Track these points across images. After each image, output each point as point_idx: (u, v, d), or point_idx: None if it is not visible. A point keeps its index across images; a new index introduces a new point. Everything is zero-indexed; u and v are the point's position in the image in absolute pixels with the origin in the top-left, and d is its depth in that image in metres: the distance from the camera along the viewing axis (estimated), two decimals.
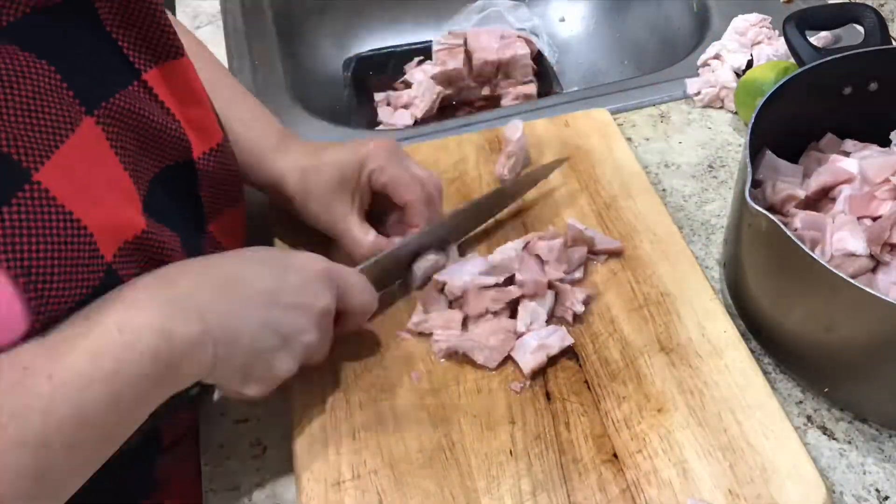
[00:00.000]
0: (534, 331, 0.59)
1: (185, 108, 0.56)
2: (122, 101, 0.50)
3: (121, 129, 0.50)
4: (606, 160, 0.74)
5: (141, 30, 0.53)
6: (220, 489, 0.56)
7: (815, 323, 0.55)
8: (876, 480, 0.55)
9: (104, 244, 0.45)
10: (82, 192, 0.45)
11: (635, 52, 1.11)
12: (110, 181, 0.48)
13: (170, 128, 0.54)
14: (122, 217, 0.48)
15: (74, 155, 0.45)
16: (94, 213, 0.45)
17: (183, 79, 0.56)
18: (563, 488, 0.52)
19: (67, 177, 0.44)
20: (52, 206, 0.42)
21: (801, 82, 0.63)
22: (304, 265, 0.53)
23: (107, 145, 0.48)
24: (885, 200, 0.60)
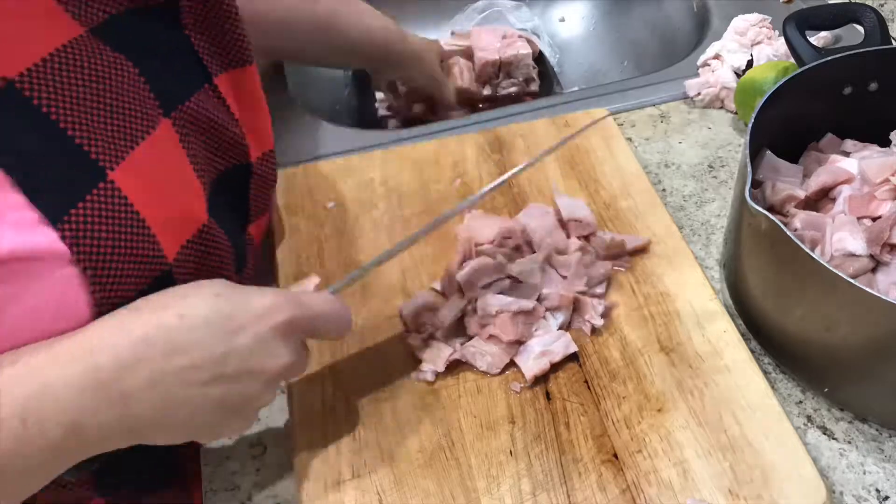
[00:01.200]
0: (538, 336, 0.59)
1: (246, 113, 0.58)
2: (195, 103, 0.51)
3: (192, 131, 0.51)
4: (606, 160, 0.74)
5: (217, 35, 0.54)
6: (220, 489, 0.56)
7: (815, 323, 0.55)
8: (876, 480, 0.55)
9: (168, 242, 0.46)
10: (152, 192, 0.46)
11: (635, 52, 1.11)
12: (181, 181, 0.49)
13: (234, 131, 0.55)
14: (187, 213, 0.49)
15: (149, 155, 0.46)
16: (161, 211, 0.46)
17: (249, 86, 0.58)
18: (563, 488, 0.52)
19: (140, 177, 0.45)
20: (122, 206, 0.43)
21: (801, 82, 0.63)
22: (258, 319, 0.45)
23: (179, 147, 0.49)
24: (885, 200, 0.60)
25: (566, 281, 0.62)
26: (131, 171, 0.44)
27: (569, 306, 0.60)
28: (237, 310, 0.45)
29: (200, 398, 0.44)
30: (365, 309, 0.63)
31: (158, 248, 0.45)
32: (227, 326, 0.44)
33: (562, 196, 0.69)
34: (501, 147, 0.77)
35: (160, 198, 0.46)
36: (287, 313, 0.46)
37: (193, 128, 0.51)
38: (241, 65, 0.57)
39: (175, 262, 0.47)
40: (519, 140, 0.77)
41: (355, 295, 0.64)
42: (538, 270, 0.61)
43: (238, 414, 0.47)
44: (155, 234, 0.45)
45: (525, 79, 1.01)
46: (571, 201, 0.68)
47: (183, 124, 0.50)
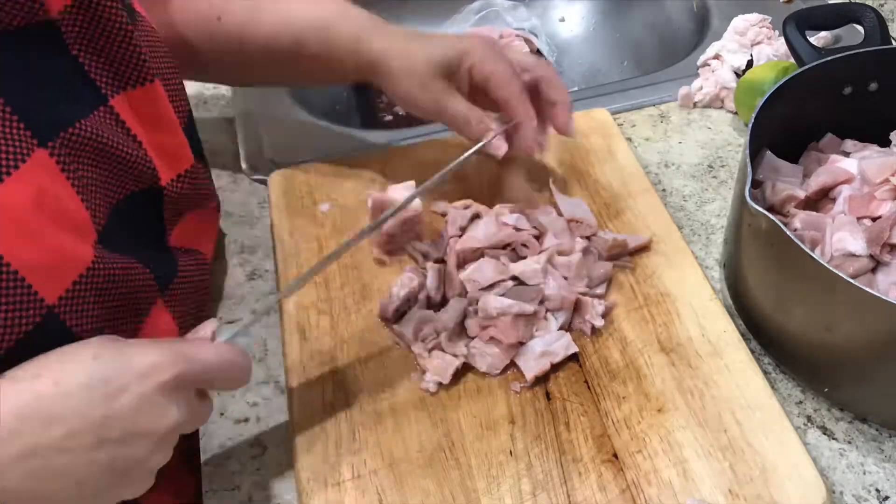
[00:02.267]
0: (538, 337, 0.59)
1: (153, 134, 0.54)
2: (83, 129, 0.47)
3: (80, 159, 0.47)
4: (606, 160, 0.74)
5: (109, 54, 0.51)
6: (220, 489, 0.56)
7: (815, 323, 0.55)
8: (876, 480, 0.55)
9: (45, 286, 0.43)
10: (22, 233, 0.42)
11: (635, 52, 1.11)
12: (62, 217, 0.45)
13: (135, 155, 0.52)
14: (67, 254, 0.45)
15: (16, 192, 0.42)
16: (30, 254, 0.42)
17: (152, 104, 0.54)
18: (563, 488, 0.52)
19: (6, 216, 0.41)
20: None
21: (801, 82, 0.63)
22: (141, 378, 0.42)
23: (62, 178, 0.45)
24: (885, 201, 0.60)
25: (568, 282, 0.62)
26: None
27: (570, 307, 0.60)
28: (117, 371, 0.42)
29: (85, 465, 0.41)
30: (365, 309, 0.63)
31: (31, 293, 0.42)
32: (106, 390, 0.41)
33: (561, 196, 0.69)
34: None
35: (29, 239, 0.43)
36: (172, 370, 0.43)
37: (82, 155, 0.47)
38: (139, 83, 0.53)
39: (60, 303, 0.44)
40: None
41: (355, 295, 0.64)
42: (541, 272, 0.61)
43: (130, 477, 0.43)
44: (23, 278, 0.42)
45: None
46: (572, 201, 0.68)
47: (66, 153, 0.46)
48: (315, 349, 0.61)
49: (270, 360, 0.64)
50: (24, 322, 0.42)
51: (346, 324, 0.62)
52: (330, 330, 0.62)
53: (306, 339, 0.61)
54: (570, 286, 0.61)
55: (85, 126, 0.47)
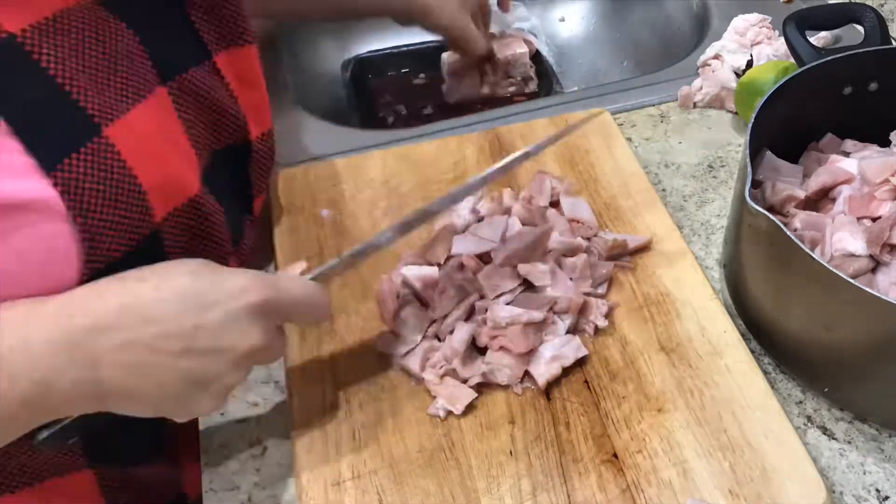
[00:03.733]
0: (547, 342, 0.59)
1: (246, 92, 0.59)
2: (193, 77, 0.53)
3: (189, 104, 0.52)
4: (606, 160, 0.74)
5: (217, 14, 0.56)
6: (220, 489, 0.56)
7: (815, 323, 0.55)
8: (876, 480, 0.55)
9: (158, 204, 0.48)
10: (146, 153, 0.47)
11: (635, 52, 1.11)
12: (175, 149, 0.51)
13: (233, 109, 0.57)
14: (179, 180, 0.50)
15: (145, 118, 0.48)
16: (153, 173, 0.47)
17: (248, 65, 0.59)
18: (563, 488, 0.52)
19: (134, 137, 0.47)
20: (115, 161, 0.45)
21: (801, 82, 0.63)
22: (232, 297, 0.45)
23: (175, 115, 0.51)
24: (885, 201, 0.60)
25: (574, 283, 0.61)
26: (126, 131, 0.46)
27: (577, 309, 0.60)
28: (211, 287, 0.45)
29: (169, 369, 0.44)
30: (364, 309, 0.63)
31: (148, 208, 0.47)
32: (199, 302, 0.45)
33: (564, 196, 0.69)
34: (502, 147, 0.77)
35: (153, 160, 0.48)
36: (261, 295, 0.46)
37: (190, 100, 0.53)
38: (240, 44, 0.58)
39: (163, 224, 0.49)
40: (519, 140, 0.77)
41: (355, 295, 0.64)
42: (548, 273, 0.60)
43: (205, 391, 0.46)
44: (146, 193, 0.47)
45: (523, 78, 1.01)
46: (573, 201, 0.68)
47: (179, 95, 0.52)
48: (315, 349, 0.61)
49: None
50: (139, 233, 0.47)
51: (346, 324, 0.62)
52: (330, 330, 0.62)
53: (306, 339, 0.61)
54: (577, 287, 0.61)
55: (194, 75, 0.53)
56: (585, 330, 0.61)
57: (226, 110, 0.57)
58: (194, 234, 0.52)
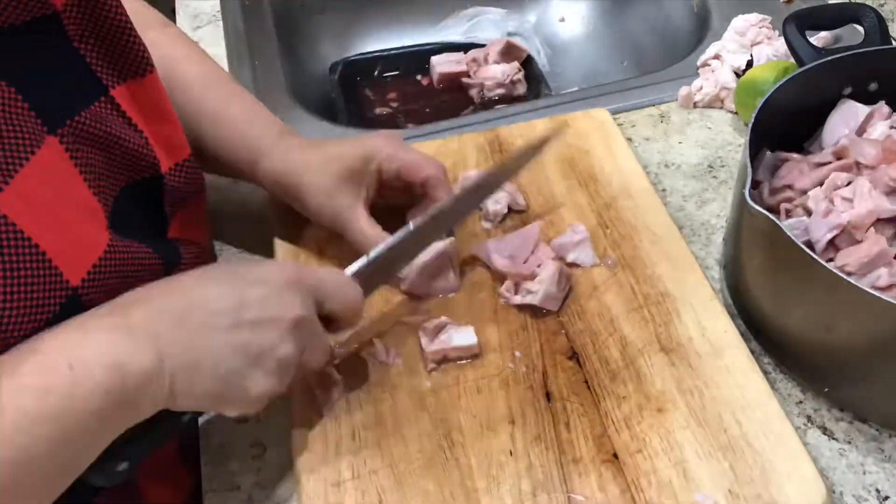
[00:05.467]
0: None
1: (152, 124, 0.55)
2: (87, 118, 0.49)
3: (86, 148, 0.49)
4: (606, 160, 0.74)
5: (109, 46, 0.52)
6: (220, 489, 0.56)
7: (815, 323, 0.55)
8: (876, 480, 0.55)
9: (69, 269, 0.45)
10: (44, 217, 0.44)
11: (635, 52, 1.11)
12: (75, 202, 0.47)
13: (137, 144, 0.53)
14: (87, 238, 0.47)
15: (36, 177, 0.44)
16: (56, 237, 0.44)
17: (151, 95, 0.55)
18: (563, 488, 0.52)
19: (28, 201, 0.43)
20: (11, 233, 0.42)
21: (801, 82, 0.63)
22: (268, 276, 0.50)
23: (70, 164, 0.47)
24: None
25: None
26: (16, 197, 0.43)
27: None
28: (249, 270, 0.51)
29: (223, 343, 0.46)
30: (364, 309, 0.63)
31: (58, 274, 0.44)
32: (240, 282, 0.49)
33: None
34: (502, 147, 0.77)
35: (53, 222, 0.45)
36: (295, 271, 0.51)
37: (88, 144, 0.49)
38: (138, 75, 0.54)
39: (83, 285, 0.46)
40: (519, 140, 0.77)
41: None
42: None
43: (259, 366, 0.48)
44: (50, 259, 0.44)
45: (512, 81, 1.02)
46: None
47: (73, 140, 0.48)
48: None
49: None
50: (52, 303, 0.44)
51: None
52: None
53: None
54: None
55: (89, 115, 0.49)
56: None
57: (128, 147, 0.52)
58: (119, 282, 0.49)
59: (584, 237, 0.66)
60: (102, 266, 0.47)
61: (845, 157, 0.62)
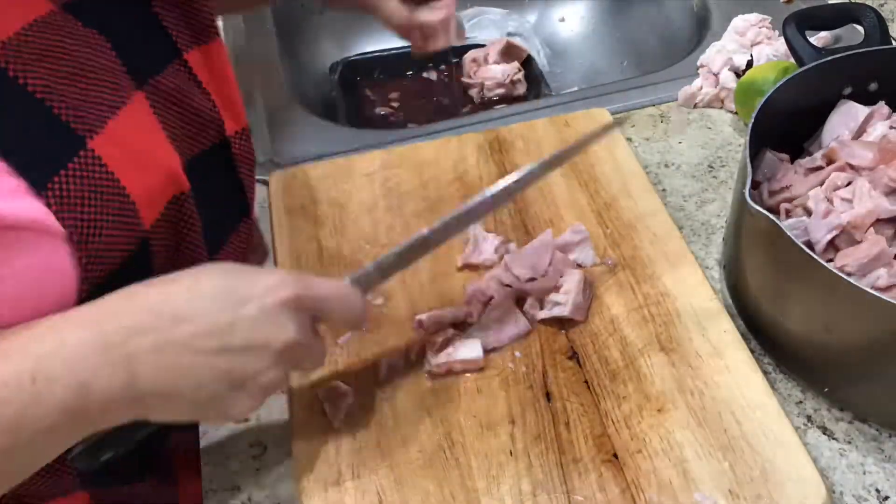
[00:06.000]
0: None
1: (218, 88, 0.58)
2: (167, 78, 0.52)
3: (166, 106, 0.52)
4: (606, 160, 0.74)
5: (185, 10, 0.55)
6: (220, 489, 0.56)
7: (815, 323, 0.55)
8: (876, 480, 0.55)
9: (145, 212, 0.48)
10: (131, 161, 0.47)
11: (635, 52, 1.12)
12: (158, 151, 0.50)
13: (207, 106, 0.56)
14: (165, 183, 0.50)
15: (126, 126, 0.47)
16: (140, 182, 0.47)
17: (218, 60, 0.58)
18: (563, 488, 0.52)
19: (119, 146, 0.46)
20: (103, 174, 0.45)
21: (801, 82, 0.63)
22: (265, 293, 0.45)
23: (154, 119, 0.50)
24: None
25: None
26: (110, 141, 0.46)
27: None
28: (243, 284, 0.45)
29: (207, 369, 0.44)
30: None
31: (138, 217, 0.47)
32: (233, 298, 0.45)
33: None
34: (502, 147, 0.77)
35: (139, 168, 0.47)
36: (293, 290, 0.46)
37: (167, 103, 0.52)
38: (208, 40, 0.57)
39: (151, 230, 0.48)
40: (519, 140, 0.77)
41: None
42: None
43: (243, 390, 0.45)
44: (134, 202, 0.47)
45: (511, 81, 1.02)
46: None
47: (156, 98, 0.51)
48: None
49: None
50: (131, 242, 0.46)
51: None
52: (329, 330, 0.62)
53: None
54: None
55: (167, 76, 0.52)
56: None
57: (201, 109, 0.55)
58: (178, 236, 0.52)
59: (584, 237, 0.66)
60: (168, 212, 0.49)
61: (836, 159, 0.62)
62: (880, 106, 0.66)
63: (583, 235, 0.66)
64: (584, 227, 0.67)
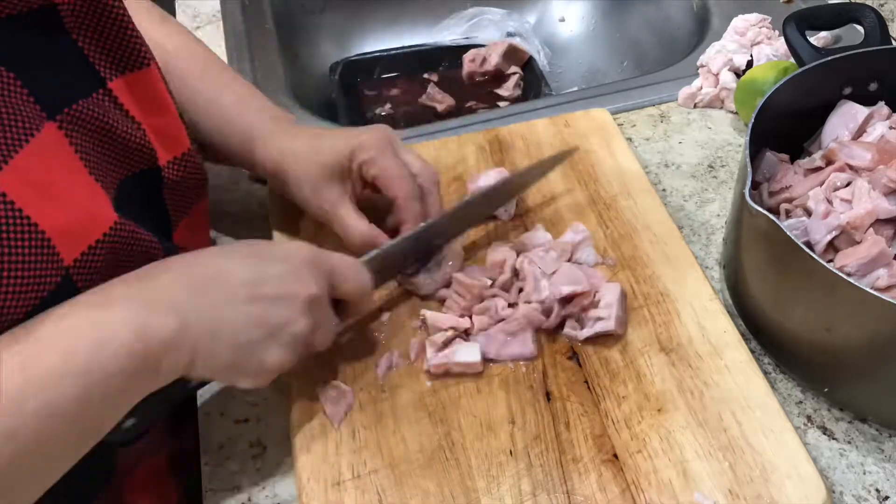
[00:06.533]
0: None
1: (150, 117, 0.56)
2: (85, 108, 0.50)
3: (85, 136, 0.50)
4: (606, 160, 0.74)
5: (108, 39, 0.53)
6: (220, 489, 0.56)
7: (815, 323, 0.55)
8: (876, 480, 0.55)
9: (65, 248, 0.45)
10: (42, 196, 0.45)
11: (635, 52, 1.12)
12: (77, 184, 0.48)
13: (134, 136, 0.54)
14: (89, 216, 0.48)
15: (35, 159, 0.45)
16: (54, 216, 0.45)
17: (149, 88, 0.56)
18: (563, 488, 0.52)
19: (27, 181, 0.44)
20: (9, 211, 0.42)
21: (801, 82, 0.63)
22: (287, 254, 0.52)
23: (71, 150, 0.48)
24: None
25: None
26: (16, 176, 0.43)
27: None
28: (269, 249, 0.53)
29: (242, 316, 0.48)
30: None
31: (54, 253, 0.45)
32: (261, 259, 0.51)
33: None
34: (501, 147, 0.77)
35: (52, 202, 0.45)
36: (312, 252, 0.53)
37: (86, 132, 0.50)
38: (136, 68, 0.55)
39: (76, 266, 0.46)
40: (519, 140, 0.77)
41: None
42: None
43: (275, 339, 0.50)
44: (50, 238, 0.44)
45: (515, 84, 1.03)
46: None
47: (72, 128, 0.49)
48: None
49: None
50: (46, 283, 0.45)
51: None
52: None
53: None
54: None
55: (87, 105, 0.50)
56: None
57: (126, 138, 0.53)
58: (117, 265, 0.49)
59: (585, 236, 0.66)
60: (101, 246, 0.48)
61: (835, 160, 0.62)
62: (880, 106, 0.66)
63: (583, 235, 0.66)
64: (584, 227, 0.67)
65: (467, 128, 0.84)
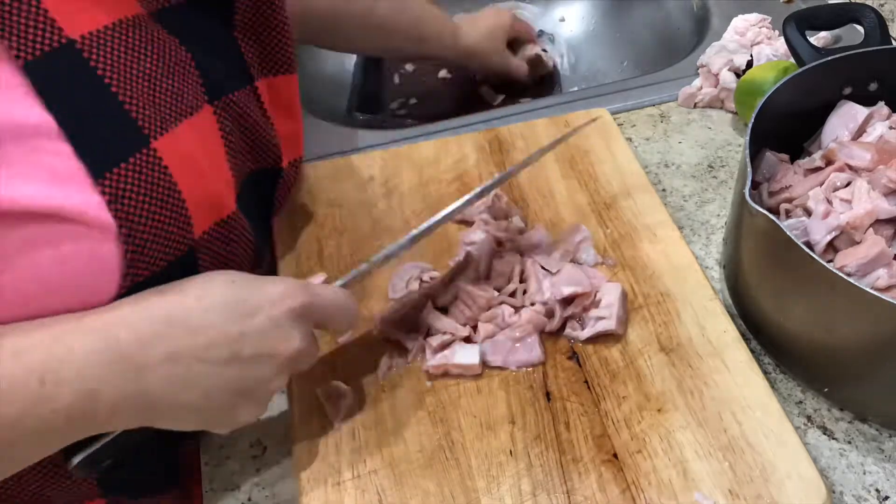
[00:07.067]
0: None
1: (282, 120, 0.60)
2: (237, 99, 0.53)
3: (231, 125, 0.53)
4: (606, 160, 0.74)
5: (265, 42, 0.57)
6: (220, 489, 0.56)
7: (815, 323, 0.55)
8: (876, 480, 0.55)
9: (198, 219, 0.48)
10: (190, 168, 0.47)
11: (635, 52, 1.12)
12: (216, 167, 0.51)
13: (269, 134, 0.57)
14: (218, 198, 0.50)
15: (191, 134, 0.48)
16: (196, 189, 0.47)
17: (287, 93, 0.60)
18: (563, 488, 0.52)
19: (180, 151, 0.47)
20: (161, 174, 0.45)
21: (801, 82, 0.63)
22: (272, 304, 0.47)
23: (218, 135, 0.51)
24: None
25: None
26: (173, 144, 0.46)
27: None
28: (252, 294, 0.47)
29: (216, 378, 0.45)
30: (364, 309, 0.63)
31: (189, 223, 0.47)
32: (242, 309, 0.46)
33: None
34: (501, 147, 0.77)
35: (196, 176, 0.48)
36: (300, 299, 0.48)
37: (232, 122, 0.53)
38: (283, 73, 0.59)
39: (201, 240, 0.48)
40: (519, 140, 0.77)
41: (355, 294, 0.64)
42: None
43: (251, 398, 0.47)
44: (188, 208, 0.47)
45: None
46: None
47: (223, 115, 0.52)
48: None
49: None
50: (178, 247, 0.46)
51: None
52: (331, 330, 0.62)
53: None
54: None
55: (237, 97, 0.53)
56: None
57: (262, 136, 0.57)
58: (225, 250, 0.52)
59: (585, 236, 0.66)
60: (220, 228, 0.50)
61: (835, 160, 0.62)
62: (880, 106, 0.66)
63: (584, 235, 0.66)
64: (584, 227, 0.67)
65: (467, 128, 0.84)
